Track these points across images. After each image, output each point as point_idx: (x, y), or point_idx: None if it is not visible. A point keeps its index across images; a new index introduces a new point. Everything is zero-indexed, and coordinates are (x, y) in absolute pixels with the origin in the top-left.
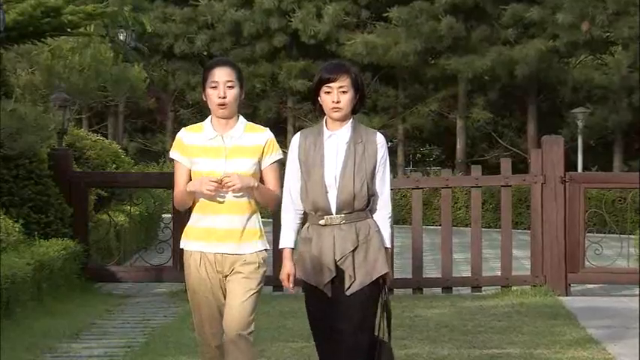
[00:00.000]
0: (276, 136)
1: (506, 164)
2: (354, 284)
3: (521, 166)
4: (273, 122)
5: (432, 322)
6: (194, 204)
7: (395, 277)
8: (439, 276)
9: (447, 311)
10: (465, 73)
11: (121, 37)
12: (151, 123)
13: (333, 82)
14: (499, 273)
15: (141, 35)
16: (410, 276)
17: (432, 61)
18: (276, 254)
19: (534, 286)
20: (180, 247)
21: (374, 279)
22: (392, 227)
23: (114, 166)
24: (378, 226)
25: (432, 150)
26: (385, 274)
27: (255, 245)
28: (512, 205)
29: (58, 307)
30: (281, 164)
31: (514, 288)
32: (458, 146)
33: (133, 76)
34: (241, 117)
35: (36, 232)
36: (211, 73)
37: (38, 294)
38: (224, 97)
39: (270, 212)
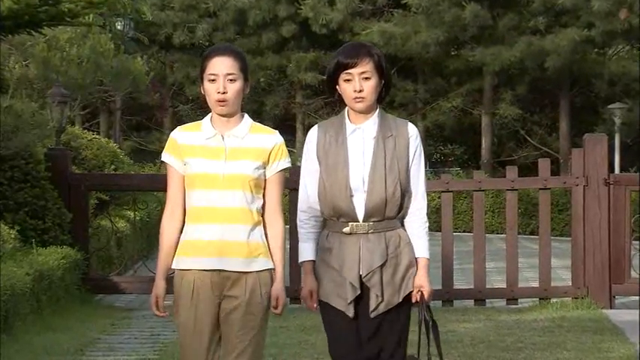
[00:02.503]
0: (284, 134)
1: (544, 165)
2: (380, 305)
3: (551, 166)
4: (281, 119)
5: (467, 337)
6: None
7: None
8: (468, 286)
9: (482, 325)
10: (491, 65)
11: (118, 27)
12: (147, 120)
13: (353, 67)
14: (534, 283)
15: (137, 24)
16: (439, 287)
17: (455, 53)
18: (292, 264)
19: (575, 298)
20: (172, 266)
21: (401, 299)
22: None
23: (112, 167)
24: (408, 238)
25: (454, 149)
26: (421, 287)
27: (260, 263)
28: (530, 208)
29: (59, 321)
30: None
31: (553, 300)
32: (483, 145)
33: (136, 69)
34: (246, 115)
35: (33, 240)
36: (210, 64)
37: (37, 307)
38: (224, 93)
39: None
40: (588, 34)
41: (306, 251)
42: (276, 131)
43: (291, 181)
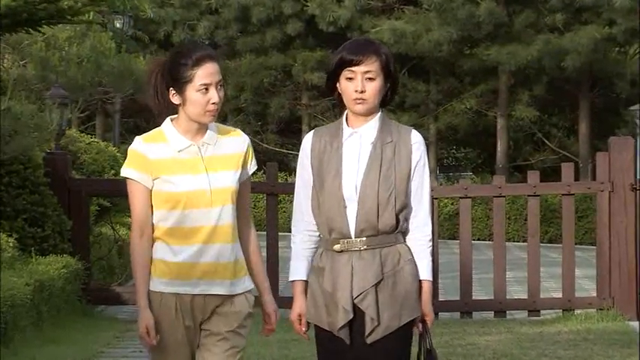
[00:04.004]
0: (289, 137)
1: (567, 170)
2: (377, 330)
3: None
4: (286, 122)
5: (489, 351)
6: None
7: (439, 298)
8: (487, 297)
9: (504, 338)
10: (507, 64)
11: (117, 25)
12: (145, 122)
13: (357, 65)
14: (554, 294)
15: (135, 22)
16: (456, 297)
17: (469, 51)
18: (271, 272)
19: (601, 309)
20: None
21: (403, 324)
22: (433, 254)
23: (112, 172)
24: (411, 254)
25: (467, 153)
26: (424, 315)
27: (246, 283)
28: (549, 214)
29: (60, 333)
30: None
31: (577, 311)
32: (498, 149)
33: (138, 69)
34: None
35: (32, 248)
36: (200, 72)
37: (38, 318)
38: (217, 102)
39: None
40: (609, 31)
41: (298, 270)
42: (239, 129)
43: (268, 186)
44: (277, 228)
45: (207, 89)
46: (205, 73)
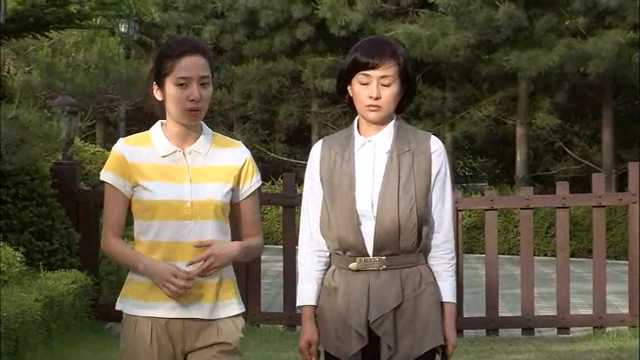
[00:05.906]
0: (298, 147)
1: (598, 181)
2: (394, 358)
3: None
4: (295, 130)
5: None
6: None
7: (464, 315)
8: (513, 314)
9: (534, 356)
10: (527, 70)
11: (123, 29)
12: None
13: (373, 69)
14: (582, 310)
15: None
16: (482, 314)
17: (487, 57)
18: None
19: (633, 326)
20: (117, 308)
21: (423, 352)
22: (457, 273)
23: None
24: (433, 277)
25: (484, 163)
26: (445, 340)
27: (232, 306)
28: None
29: (70, 351)
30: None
31: (608, 329)
32: (517, 158)
33: (148, 75)
34: (205, 126)
35: (40, 263)
36: (179, 64)
37: (47, 336)
38: (198, 101)
39: (279, 237)
40: (634, 36)
41: (306, 294)
42: (241, 142)
43: (284, 197)
44: (296, 242)
45: (186, 84)
46: (186, 66)
